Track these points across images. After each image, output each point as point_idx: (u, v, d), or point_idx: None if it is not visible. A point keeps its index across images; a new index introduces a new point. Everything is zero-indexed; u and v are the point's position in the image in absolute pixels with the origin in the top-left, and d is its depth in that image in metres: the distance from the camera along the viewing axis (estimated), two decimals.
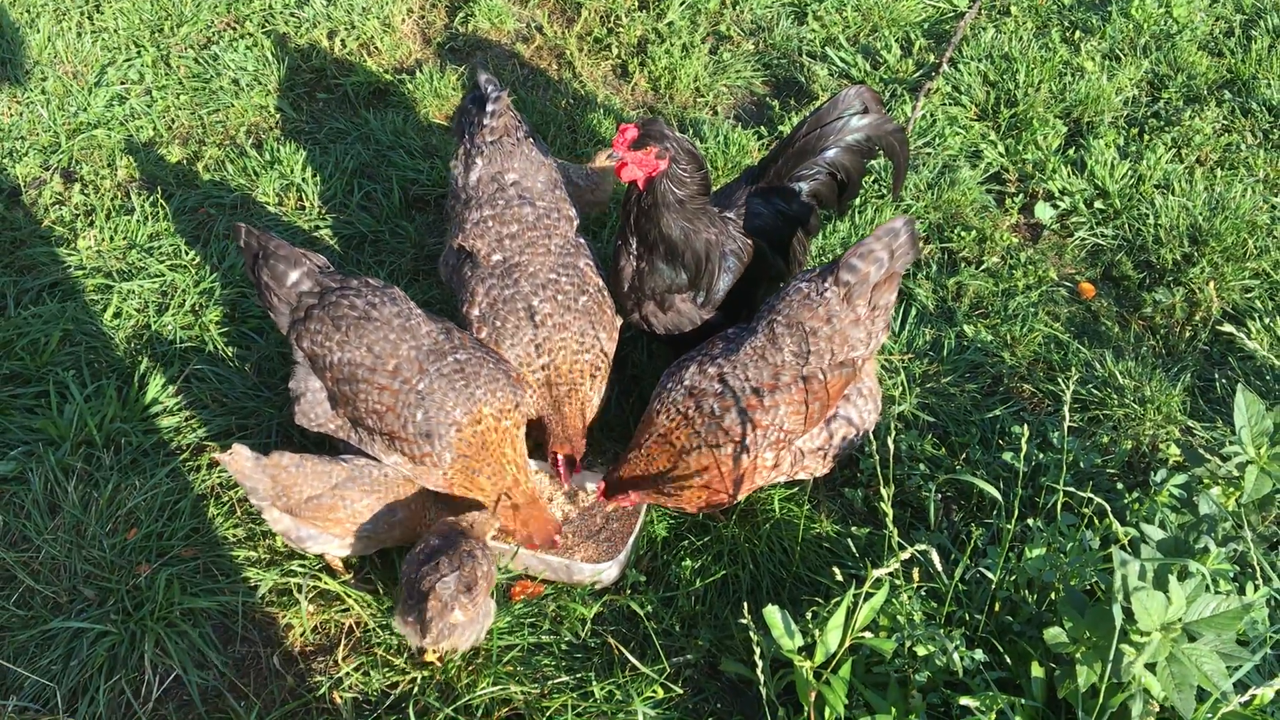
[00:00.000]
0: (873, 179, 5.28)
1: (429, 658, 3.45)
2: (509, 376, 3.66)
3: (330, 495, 3.49)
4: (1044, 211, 5.28)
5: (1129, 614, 2.66)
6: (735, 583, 3.73)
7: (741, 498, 3.66)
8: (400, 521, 3.61)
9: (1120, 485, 3.84)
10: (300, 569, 3.70)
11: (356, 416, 3.58)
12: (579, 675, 3.44)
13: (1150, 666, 2.68)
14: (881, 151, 4.18)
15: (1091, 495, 3.04)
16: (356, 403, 3.55)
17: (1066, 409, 3.10)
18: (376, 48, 6.14)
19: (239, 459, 3.41)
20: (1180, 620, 2.69)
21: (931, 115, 5.71)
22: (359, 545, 3.61)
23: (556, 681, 3.41)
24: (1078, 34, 6.35)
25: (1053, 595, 3.17)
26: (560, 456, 3.97)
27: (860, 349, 3.57)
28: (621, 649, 3.48)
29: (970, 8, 6.45)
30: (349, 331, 3.56)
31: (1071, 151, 5.56)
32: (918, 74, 6.02)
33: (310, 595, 3.64)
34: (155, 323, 4.56)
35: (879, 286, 3.56)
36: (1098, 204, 5.29)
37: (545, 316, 3.84)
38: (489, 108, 4.14)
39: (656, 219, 3.74)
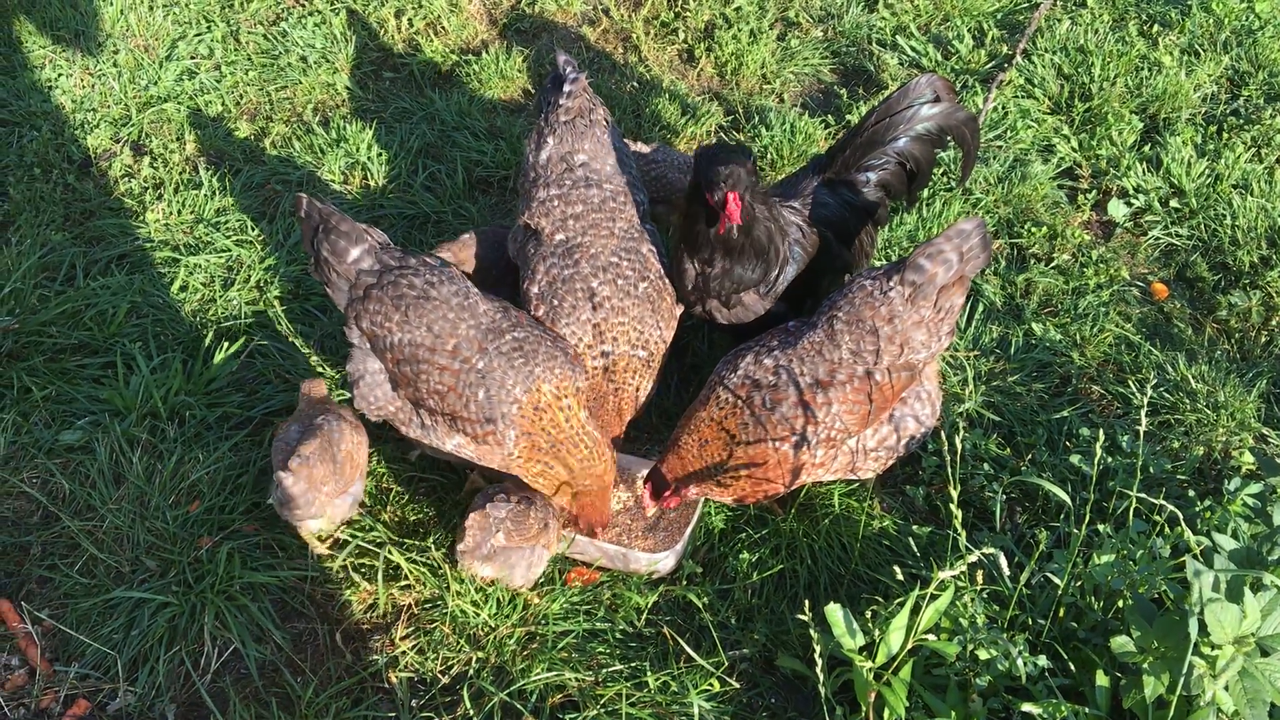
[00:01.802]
0: (941, 171, 5.19)
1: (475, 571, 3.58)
2: (567, 354, 3.64)
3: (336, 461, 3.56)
4: (1117, 209, 5.16)
5: (1202, 626, 2.60)
6: (793, 577, 3.69)
7: (795, 488, 3.62)
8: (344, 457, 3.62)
9: (1191, 492, 3.75)
10: (368, 545, 3.72)
11: (418, 398, 3.58)
12: (633, 664, 3.42)
13: None
14: (953, 140, 4.10)
15: (1164, 502, 2.96)
16: (418, 384, 3.55)
17: (1143, 413, 3.04)
18: (443, 27, 6.14)
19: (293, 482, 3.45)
20: (1254, 634, 2.63)
21: (1003, 108, 5.60)
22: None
23: (611, 670, 3.40)
24: (1155, 27, 6.20)
25: (1120, 603, 3.10)
26: None
27: (922, 351, 3.49)
28: (678, 639, 3.46)
29: None
30: (409, 312, 3.55)
31: (1147, 148, 5.43)
32: (990, 65, 5.91)
33: (368, 574, 3.65)
34: (220, 297, 4.61)
35: (946, 289, 3.47)
36: (1173, 203, 5.16)
37: (604, 299, 3.82)
38: (565, 88, 4.15)
39: (748, 228, 3.70)
